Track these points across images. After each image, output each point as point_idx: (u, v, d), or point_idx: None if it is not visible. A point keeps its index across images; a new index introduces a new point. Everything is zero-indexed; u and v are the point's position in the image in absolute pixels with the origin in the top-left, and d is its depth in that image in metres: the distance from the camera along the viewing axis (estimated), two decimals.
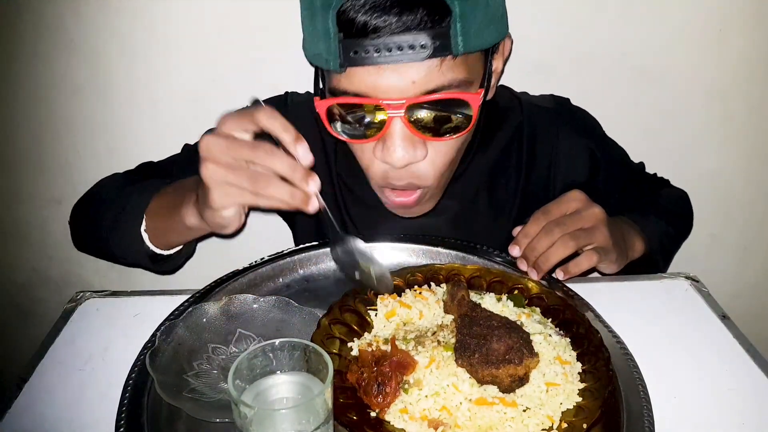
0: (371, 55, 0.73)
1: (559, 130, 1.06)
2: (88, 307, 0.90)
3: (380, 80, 0.75)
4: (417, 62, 0.73)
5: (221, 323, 0.79)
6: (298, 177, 0.68)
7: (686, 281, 0.95)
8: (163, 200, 0.89)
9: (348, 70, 0.75)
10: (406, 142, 0.78)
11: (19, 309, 1.54)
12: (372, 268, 0.77)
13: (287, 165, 0.68)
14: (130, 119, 1.28)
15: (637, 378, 0.72)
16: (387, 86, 0.75)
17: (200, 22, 1.19)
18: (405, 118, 0.77)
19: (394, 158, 0.79)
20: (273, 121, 0.69)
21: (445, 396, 0.66)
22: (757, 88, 1.29)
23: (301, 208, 0.70)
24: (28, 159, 1.33)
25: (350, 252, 0.77)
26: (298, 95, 1.09)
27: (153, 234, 0.89)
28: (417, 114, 0.77)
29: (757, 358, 0.80)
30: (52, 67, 1.22)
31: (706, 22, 1.21)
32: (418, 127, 0.78)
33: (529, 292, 0.84)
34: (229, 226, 0.76)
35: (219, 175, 0.69)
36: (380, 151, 0.81)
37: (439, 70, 0.75)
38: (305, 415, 0.56)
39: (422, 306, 0.80)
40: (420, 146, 0.80)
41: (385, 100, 0.75)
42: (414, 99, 0.75)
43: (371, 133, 0.80)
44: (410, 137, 0.79)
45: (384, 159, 0.80)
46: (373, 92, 0.76)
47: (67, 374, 0.77)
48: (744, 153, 1.37)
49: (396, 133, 0.78)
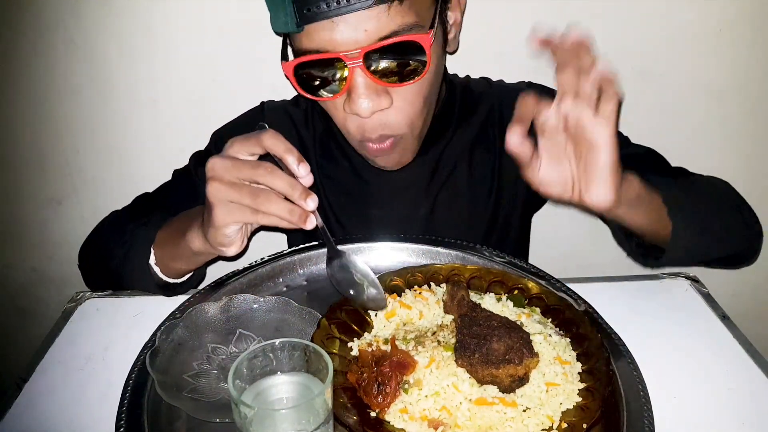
0: (322, 9, 0.77)
1: None
2: (88, 307, 0.90)
3: (335, 34, 0.78)
4: (365, 11, 0.77)
5: (221, 323, 0.79)
6: (297, 194, 0.72)
7: (686, 281, 0.95)
8: (168, 231, 0.92)
9: (306, 29, 0.79)
10: (369, 91, 0.82)
11: (19, 309, 1.54)
12: (366, 284, 0.80)
13: (286, 183, 0.72)
14: (130, 119, 1.28)
15: (637, 378, 0.72)
16: (342, 39, 0.78)
17: (200, 22, 1.19)
18: (364, 67, 0.80)
19: (360, 108, 0.82)
20: (276, 143, 0.73)
21: (445, 396, 0.66)
22: (757, 88, 1.29)
23: (299, 225, 0.73)
24: (28, 159, 1.33)
25: (346, 267, 0.81)
26: (273, 102, 1.13)
27: (162, 264, 0.91)
28: (375, 62, 0.81)
29: (757, 358, 0.80)
30: (52, 67, 1.22)
31: (706, 22, 1.21)
32: (378, 75, 0.81)
33: (529, 292, 0.84)
34: (231, 246, 0.79)
35: (222, 193, 0.73)
36: (348, 105, 0.84)
37: (387, 16, 0.78)
38: (305, 415, 0.56)
39: (422, 306, 0.80)
40: (384, 94, 0.83)
41: (342, 53, 0.79)
42: (368, 47, 0.79)
43: (337, 88, 0.84)
44: (373, 86, 0.82)
45: (352, 110, 0.84)
46: (331, 46, 0.79)
47: (67, 374, 0.77)
48: (744, 153, 1.37)
49: (359, 84, 0.81)
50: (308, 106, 1.10)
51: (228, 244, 0.78)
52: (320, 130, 1.08)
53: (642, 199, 0.83)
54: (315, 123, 1.08)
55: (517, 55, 1.07)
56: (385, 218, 1.06)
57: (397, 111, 0.86)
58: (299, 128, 1.08)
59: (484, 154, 1.08)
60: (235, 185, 0.73)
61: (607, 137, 0.73)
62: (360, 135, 0.89)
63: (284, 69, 0.85)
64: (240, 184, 0.73)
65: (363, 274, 0.80)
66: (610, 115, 0.74)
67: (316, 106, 1.08)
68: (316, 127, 1.08)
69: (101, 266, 1.01)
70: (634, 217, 0.84)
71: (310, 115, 1.09)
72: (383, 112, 0.84)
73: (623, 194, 0.78)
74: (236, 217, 0.74)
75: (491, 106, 1.08)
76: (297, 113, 1.09)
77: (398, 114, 0.87)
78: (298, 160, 0.73)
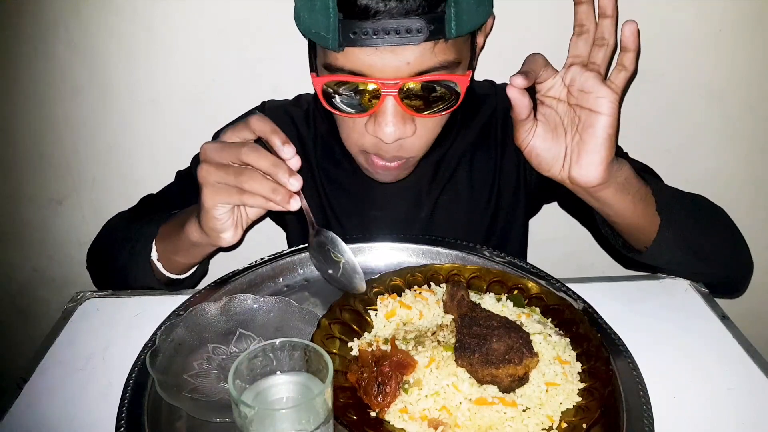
0: (370, 37, 0.76)
1: None
2: (88, 307, 0.90)
3: (377, 61, 0.78)
4: (413, 45, 0.76)
5: (221, 323, 0.79)
6: (280, 173, 0.73)
7: (686, 281, 0.95)
8: (169, 225, 0.93)
9: (345, 50, 0.78)
10: (397, 119, 0.82)
11: (19, 309, 1.54)
12: (344, 261, 0.81)
13: (270, 162, 0.73)
14: (130, 119, 1.28)
15: (637, 378, 0.72)
16: (383, 66, 0.78)
17: (200, 22, 1.19)
18: (397, 97, 0.80)
19: (385, 134, 0.82)
20: (263, 125, 0.75)
21: (445, 396, 0.66)
22: (757, 88, 1.29)
23: (282, 205, 0.74)
24: (28, 159, 1.33)
25: (323, 244, 0.82)
26: (274, 102, 1.13)
27: (164, 259, 0.92)
28: (409, 93, 0.81)
29: (757, 358, 0.80)
30: (52, 67, 1.22)
31: (705, 22, 1.21)
32: (409, 104, 0.82)
33: (528, 292, 0.84)
34: (225, 232, 0.80)
35: (210, 174, 0.75)
36: (372, 126, 0.84)
37: (432, 52, 0.78)
38: (305, 415, 0.56)
39: (422, 306, 0.80)
40: (409, 122, 0.84)
41: (380, 80, 0.79)
42: (408, 79, 0.79)
43: (363, 109, 0.83)
44: (401, 114, 0.82)
45: (375, 134, 0.84)
46: (369, 71, 0.79)
47: (67, 374, 0.77)
48: (744, 153, 1.36)
49: (388, 110, 0.81)
50: (309, 106, 1.10)
51: (221, 229, 0.80)
52: (322, 130, 1.08)
53: (631, 185, 0.81)
54: (316, 123, 1.08)
55: (517, 55, 1.07)
56: (385, 219, 1.07)
57: (417, 138, 0.87)
58: (300, 128, 1.08)
59: (484, 156, 1.08)
60: (222, 166, 0.75)
61: (611, 106, 0.75)
62: (373, 150, 0.89)
63: (314, 82, 0.85)
64: (227, 165, 0.75)
65: (341, 252, 0.81)
66: (618, 86, 0.76)
67: (318, 106, 1.08)
68: (318, 127, 1.08)
69: (108, 266, 1.02)
70: (621, 203, 0.81)
71: (312, 116, 1.09)
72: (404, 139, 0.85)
73: (613, 174, 0.78)
74: (222, 197, 0.76)
75: (494, 108, 1.08)
76: (298, 113, 1.09)
77: (418, 140, 0.88)
78: (283, 141, 0.74)
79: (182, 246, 0.88)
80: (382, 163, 0.90)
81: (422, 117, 0.84)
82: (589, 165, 0.76)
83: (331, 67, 0.81)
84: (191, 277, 0.97)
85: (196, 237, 0.84)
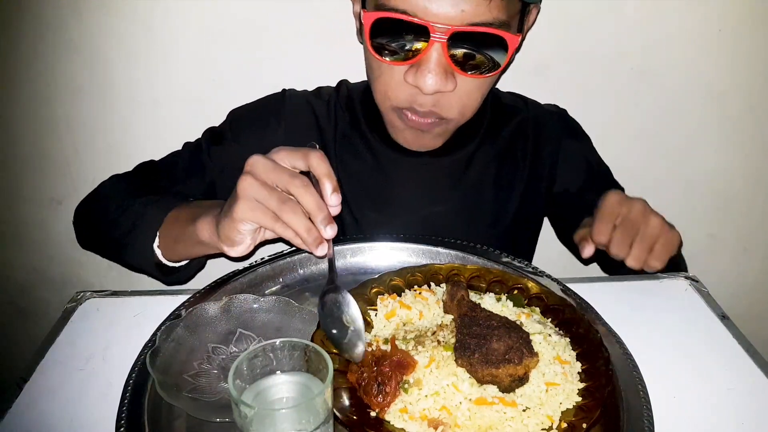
0: None
1: (563, 135, 1.12)
2: (88, 307, 0.90)
3: (432, 4, 0.77)
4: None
5: (221, 323, 0.79)
6: (320, 218, 0.72)
7: (686, 281, 0.95)
8: (179, 212, 0.91)
9: None
10: (439, 69, 0.81)
11: (19, 309, 1.54)
12: (353, 328, 0.73)
13: (315, 203, 0.71)
14: (130, 119, 1.28)
15: (637, 378, 0.72)
16: (437, 11, 0.78)
17: (200, 22, 1.19)
18: (445, 45, 0.79)
19: (425, 84, 0.82)
20: (321, 165, 0.73)
21: (445, 396, 0.66)
22: (757, 88, 1.29)
23: (311, 248, 0.73)
24: (28, 159, 1.33)
25: (338, 304, 0.75)
26: (295, 91, 1.12)
27: (164, 244, 0.91)
28: (457, 45, 0.80)
29: (757, 358, 0.80)
30: (52, 67, 1.22)
31: (705, 22, 1.21)
32: (454, 58, 0.81)
33: (528, 292, 0.84)
34: (238, 246, 0.78)
35: (253, 189, 0.72)
36: (412, 75, 0.83)
37: (487, 5, 0.78)
38: (305, 415, 0.56)
39: (422, 306, 0.80)
40: (451, 78, 0.83)
41: (433, 23, 0.78)
42: (460, 27, 0.78)
43: (408, 56, 0.83)
44: (444, 66, 0.82)
45: (415, 82, 0.83)
46: (423, 14, 0.78)
47: (67, 374, 0.77)
48: (743, 153, 1.37)
49: (433, 59, 0.81)
50: (331, 98, 1.09)
51: (237, 243, 0.77)
52: (343, 122, 1.07)
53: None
54: (338, 116, 1.07)
55: (517, 55, 1.07)
56: (401, 216, 1.06)
57: (455, 96, 0.86)
58: (320, 120, 1.07)
59: (511, 165, 1.09)
60: (267, 186, 0.72)
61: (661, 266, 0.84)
62: (407, 103, 0.88)
63: (364, 18, 0.83)
64: (272, 187, 0.72)
65: (352, 319, 0.74)
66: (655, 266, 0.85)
67: (339, 99, 1.08)
68: (339, 120, 1.07)
69: (102, 231, 1.00)
70: None
71: (333, 108, 1.08)
72: (442, 94, 0.84)
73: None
74: (257, 216, 0.73)
75: (523, 121, 1.09)
76: (319, 105, 1.08)
77: (455, 100, 0.87)
78: (334, 189, 0.73)
79: (187, 239, 0.86)
80: (416, 118, 0.90)
81: (464, 75, 0.84)
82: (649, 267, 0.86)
83: (383, 6, 0.81)
84: (186, 268, 0.95)
85: (206, 237, 0.81)
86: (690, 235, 1.22)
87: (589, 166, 1.14)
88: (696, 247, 1.42)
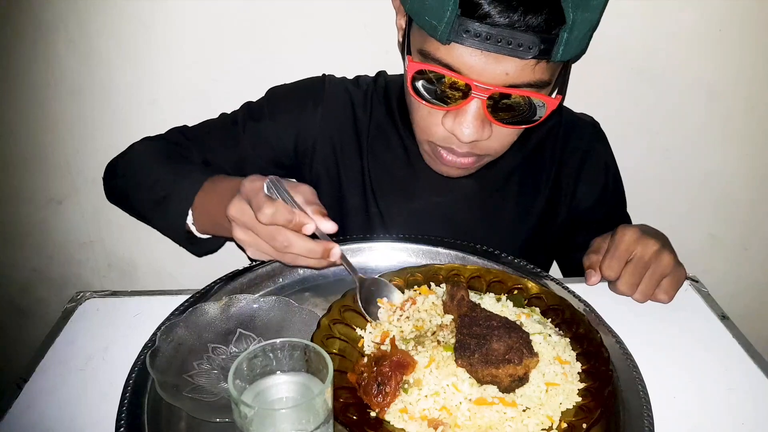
0: (482, 40, 0.75)
1: (596, 145, 1.12)
2: (88, 307, 0.90)
3: (478, 63, 0.78)
4: (518, 58, 0.76)
5: (221, 323, 0.79)
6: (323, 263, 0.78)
7: (686, 281, 0.95)
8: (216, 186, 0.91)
9: (451, 44, 0.78)
10: (477, 122, 0.83)
11: (19, 309, 1.54)
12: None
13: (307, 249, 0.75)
14: (130, 119, 1.28)
15: (637, 378, 0.72)
16: (482, 70, 0.78)
17: (200, 22, 1.19)
18: (485, 102, 0.80)
19: (463, 134, 0.83)
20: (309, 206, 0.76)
21: (444, 396, 0.66)
22: (757, 88, 1.29)
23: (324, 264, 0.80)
24: (28, 159, 1.33)
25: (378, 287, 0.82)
26: (334, 77, 1.11)
27: (196, 214, 0.92)
28: (497, 101, 0.81)
29: (757, 358, 0.80)
30: (52, 67, 1.22)
31: (706, 22, 1.21)
32: (492, 112, 0.82)
33: (528, 292, 0.84)
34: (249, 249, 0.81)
35: (252, 242, 0.77)
36: (451, 122, 0.85)
37: (532, 69, 0.78)
38: (305, 415, 0.56)
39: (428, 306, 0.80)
40: (487, 126, 0.85)
41: (476, 81, 0.79)
42: (501, 89, 0.79)
43: (446, 103, 0.84)
44: (482, 117, 0.83)
45: (453, 131, 0.85)
46: (467, 71, 0.79)
47: (67, 374, 0.77)
48: (744, 153, 1.37)
49: (472, 112, 0.82)
50: (369, 88, 1.09)
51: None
52: (378, 114, 1.07)
53: None
54: (374, 106, 1.07)
55: None
56: (424, 214, 1.06)
57: (492, 141, 0.87)
58: (357, 109, 1.08)
59: (538, 170, 1.09)
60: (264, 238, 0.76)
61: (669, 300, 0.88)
62: (445, 143, 0.89)
63: (409, 66, 0.84)
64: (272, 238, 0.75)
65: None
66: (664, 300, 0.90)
67: (377, 89, 1.09)
68: (374, 110, 1.07)
69: (132, 196, 1.03)
70: None
71: (370, 98, 1.08)
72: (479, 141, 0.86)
73: None
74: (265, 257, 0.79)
75: (554, 127, 1.08)
76: (357, 93, 1.08)
77: (492, 143, 0.88)
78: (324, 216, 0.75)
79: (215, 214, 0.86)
80: (451, 158, 0.91)
81: (500, 126, 0.85)
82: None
83: (428, 55, 0.81)
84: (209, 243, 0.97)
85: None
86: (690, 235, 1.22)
87: (607, 181, 1.13)
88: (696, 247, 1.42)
